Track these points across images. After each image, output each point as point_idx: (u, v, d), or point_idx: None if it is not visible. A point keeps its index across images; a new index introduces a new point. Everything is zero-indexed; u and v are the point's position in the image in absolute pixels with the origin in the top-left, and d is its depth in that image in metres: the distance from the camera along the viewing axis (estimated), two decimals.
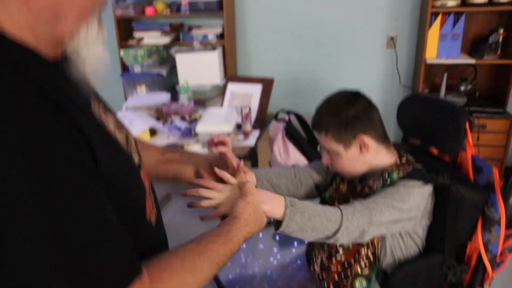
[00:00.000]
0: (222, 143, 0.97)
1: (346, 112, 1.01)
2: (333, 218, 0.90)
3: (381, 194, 0.96)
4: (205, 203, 0.87)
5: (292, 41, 3.05)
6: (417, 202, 0.96)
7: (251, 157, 2.18)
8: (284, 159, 2.18)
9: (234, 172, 0.95)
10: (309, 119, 2.39)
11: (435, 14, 2.61)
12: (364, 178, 1.07)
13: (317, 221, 0.88)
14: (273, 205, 0.86)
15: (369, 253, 1.03)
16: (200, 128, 2.08)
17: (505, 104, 2.68)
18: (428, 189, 0.99)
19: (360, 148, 1.02)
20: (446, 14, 2.61)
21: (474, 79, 2.76)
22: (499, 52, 2.66)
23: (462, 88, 2.75)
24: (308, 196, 1.19)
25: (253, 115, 2.36)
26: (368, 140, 1.01)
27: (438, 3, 2.58)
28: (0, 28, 0.53)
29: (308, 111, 3.05)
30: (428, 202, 1.01)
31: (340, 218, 0.90)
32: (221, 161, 0.99)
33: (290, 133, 2.18)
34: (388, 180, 1.00)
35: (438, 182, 0.98)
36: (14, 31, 0.54)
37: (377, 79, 3.04)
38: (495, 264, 1.08)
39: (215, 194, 0.87)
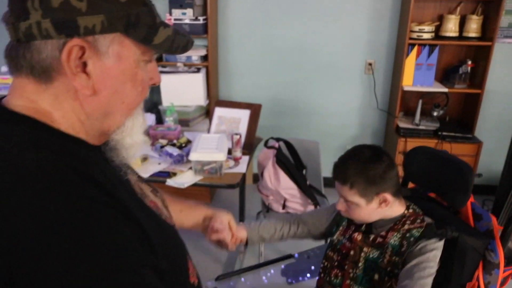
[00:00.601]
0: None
1: (373, 171, 1.08)
2: None
3: (420, 266, 1.04)
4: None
5: (274, 64, 3.13)
6: (438, 258, 1.06)
7: (242, 183, 2.23)
8: (275, 185, 2.24)
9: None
10: (297, 145, 2.48)
11: (412, 45, 2.77)
12: (374, 226, 1.16)
13: None
14: None
15: None
16: (194, 156, 2.10)
17: (473, 129, 2.89)
18: (442, 243, 1.09)
19: (380, 203, 1.10)
20: (422, 45, 2.79)
21: (446, 105, 2.95)
22: (468, 81, 2.87)
23: (435, 113, 2.94)
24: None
25: (242, 140, 2.40)
26: (389, 197, 1.09)
27: (414, 35, 2.75)
28: (55, 124, 0.57)
29: (288, 132, 3.14)
30: None
31: None
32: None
33: (281, 160, 2.25)
34: (412, 238, 1.09)
35: (449, 236, 1.08)
36: (67, 127, 0.58)
37: (355, 102, 3.18)
38: None
39: None
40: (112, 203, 0.54)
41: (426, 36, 2.74)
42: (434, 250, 1.07)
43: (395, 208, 1.14)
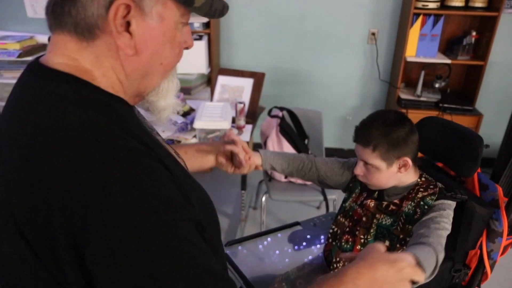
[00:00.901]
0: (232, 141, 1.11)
1: (397, 133, 1.08)
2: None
3: (435, 220, 1.06)
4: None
5: (276, 33, 3.08)
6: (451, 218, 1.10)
7: None
8: None
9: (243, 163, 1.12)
10: (300, 114, 2.48)
11: (417, 15, 2.74)
12: (386, 193, 1.18)
13: None
14: None
15: None
16: (198, 124, 2.10)
17: (474, 102, 2.90)
18: (454, 204, 1.12)
19: (399, 167, 1.11)
20: (427, 15, 2.75)
21: (448, 77, 2.95)
22: (471, 53, 2.86)
23: (437, 85, 2.94)
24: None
25: (245, 109, 2.40)
26: (409, 161, 1.10)
27: (419, 4, 2.71)
28: (96, 82, 0.58)
29: (289, 101, 3.14)
30: None
31: (435, 263, 0.98)
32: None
33: (285, 130, 2.26)
34: (426, 206, 1.11)
35: (459, 199, 1.11)
36: (106, 86, 0.59)
37: (357, 72, 3.16)
38: (493, 268, 1.24)
39: None
40: (157, 158, 0.56)
41: (431, 5, 2.71)
42: (448, 209, 1.09)
43: (410, 175, 1.15)
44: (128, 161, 0.52)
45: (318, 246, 1.44)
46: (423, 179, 1.17)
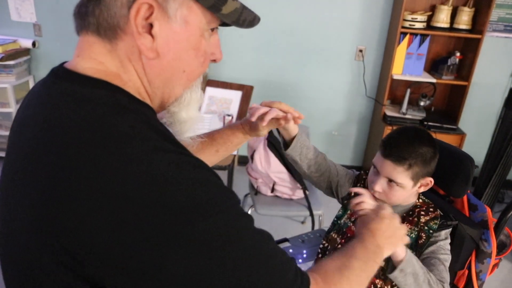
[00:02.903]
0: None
1: (429, 153, 1.07)
2: None
3: (441, 252, 1.09)
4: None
5: (264, 47, 3.09)
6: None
7: (232, 165, 2.22)
8: (265, 168, 2.24)
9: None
10: None
11: (404, 34, 2.79)
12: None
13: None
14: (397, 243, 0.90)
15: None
16: (186, 136, 2.07)
17: (457, 121, 2.96)
18: (449, 231, 1.13)
19: (420, 186, 1.10)
20: (413, 34, 2.81)
21: (433, 96, 3.00)
22: (455, 73, 2.92)
23: (422, 103, 2.98)
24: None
25: (233, 121, 2.39)
26: (432, 182, 1.10)
27: (406, 24, 2.76)
28: (126, 87, 0.57)
29: None
30: None
31: None
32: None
33: (272, 144, 2.25)
34: (431, 231, 1.11)
35: (452, 225, 1.11)
36: (134, 92, 0.58)
37: (344, 88, 3.19)
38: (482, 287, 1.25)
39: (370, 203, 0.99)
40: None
41: (418, 25, 2.76)
42: (447, 238, 1.11)
43: (414, 195, 1.15)
44: (178, 161, 0.51)
45: (307, 262, 1.42)
46: (420, 200, 1.17)
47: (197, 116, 0.69)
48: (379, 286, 1.13)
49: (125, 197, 0.46)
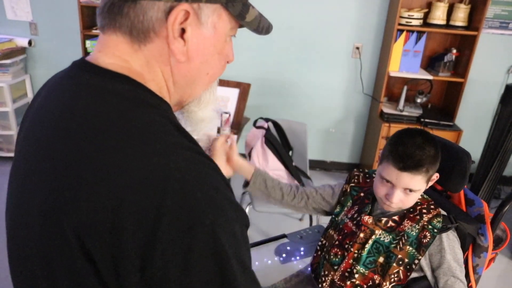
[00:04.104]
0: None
1: (437, 152, 1.08)
2: None
3: (453, 258, 1.12)
4: None
5: (261, 44, 3.09)
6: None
7: None
8: (263, 165, 2.25)
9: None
10: (285, 126, 2.48)
11: (400, 31, 2.79)
12: (382, 209, 1.18)
13: None
14: None
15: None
16: None
17: (454, 117, 2.97)
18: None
19: (427, 183, 1.11)
20: (410, 32, 2.81)
21: (429, 92, 3.01)
22: (452, 70, 2.93)
23: (419, 100, 2.99)
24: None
25: (230, 119, 2.39)
26: (436, 176, 1.11)
27: (403, 21, 2.77)
28: (147, 85, 0.59)
29: (273, 112, 3.14)
30: None
31: None
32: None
33: (270, 141, 2.25)
34: (435, 230, 1.11)
35: (454, 226, 1.13)
36: (155, 90, 0.60)
37: (341, 85, 3.20)
38: (478, 282, 1.25)
39: None
40: (210, 158, 0.57)
41: (414, 22, 2.77)
42: (456, 239, 1.14)
43: None
44: (196, 161, 0.52)
45: (305, 258, 1.42)
46: (420, 196, 1.18)
47: (213, 116, 0.72)
48: (377, 281, 1.14)
49: (144, 189, 0.47)
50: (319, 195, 1.31)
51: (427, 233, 1.11)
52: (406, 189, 1.08)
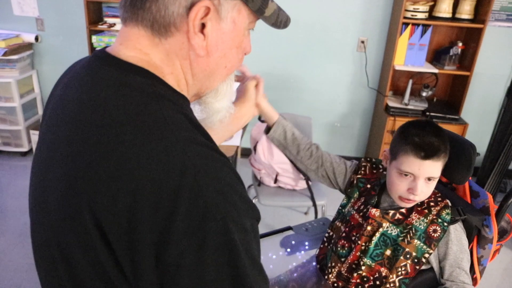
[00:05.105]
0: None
1: (446, 135, 1.12)
2: None
3: (459, 250, 1.14)
4: None
5: (266, 38, 3.09)
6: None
7: (235, 156, 2.24)
8: (268, 159, 2.26)
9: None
10: (290, 120, 2.48)
11: (406, 24, 2.79)
12: (388, 201, 1.19)
13: None
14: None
15: (398, 281, 1.15)
16: None
17: (460, 111, 2.96)
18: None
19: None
20: (415, 25, 2.80)
21: (435, 86, 3.00)
22: (457, 63, 2.92)
23: (424, 94, 2.99)
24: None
25: None
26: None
27: (408, 14, 2.76)
28: (165, 79, 0.60)
29: (279, 106, 3.14)
30: None
31: None
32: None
33: None
34: (445, 223, 1.13)
35: (462, 218, 1.14)
36: (173, 84, 0.61)
37: (346, 79, 3.20)
38: (483, 273, 1.26)
39: None
40: (223, 153, 0.58)
41: (420, 15, 2.76)
42: (463, 233, 1.15)
43: None
44: (210, 157, 0.53)
45: (311, 250, 1.44)
46: None
47: (228, 106, 0.73)
48: (384, 274, 1.15)
49: (160, 183, 0.48)
50: (332, 167, 1.31)
51: (436, 227, 1.12)
52: (427, 178, 1.10)
